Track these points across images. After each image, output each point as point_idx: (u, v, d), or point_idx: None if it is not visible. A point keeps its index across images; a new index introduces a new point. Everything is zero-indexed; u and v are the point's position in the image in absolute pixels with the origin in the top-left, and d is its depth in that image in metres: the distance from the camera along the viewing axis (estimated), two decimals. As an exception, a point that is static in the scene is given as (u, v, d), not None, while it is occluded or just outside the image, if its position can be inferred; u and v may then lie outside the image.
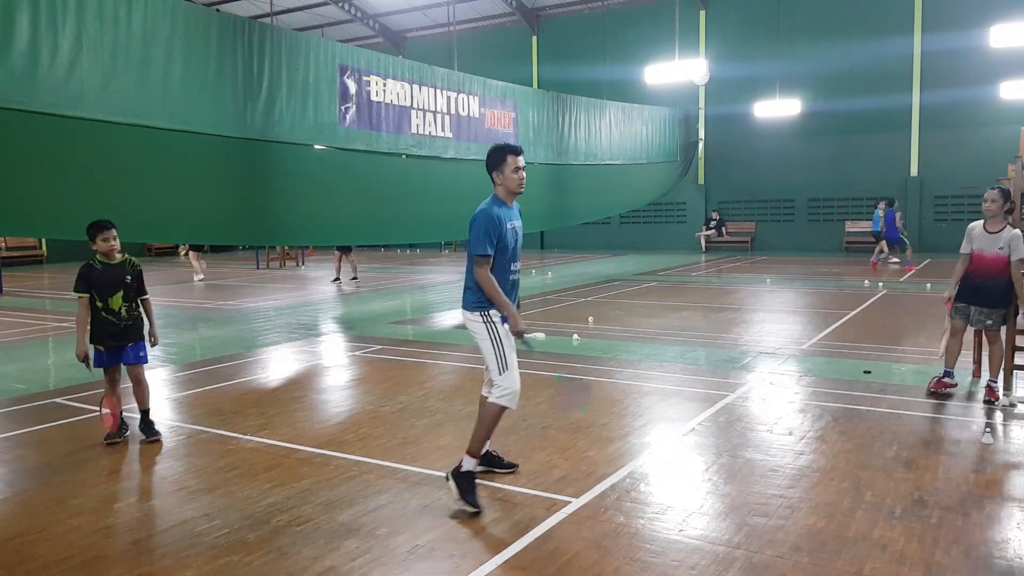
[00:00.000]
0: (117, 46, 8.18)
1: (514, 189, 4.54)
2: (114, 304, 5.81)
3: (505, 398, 4.40)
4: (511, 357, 4.43)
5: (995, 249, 6.37)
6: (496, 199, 4.55)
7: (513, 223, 4.54)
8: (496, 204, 4.52)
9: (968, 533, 3.96)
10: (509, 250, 4.48)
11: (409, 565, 3.73)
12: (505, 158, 4.51)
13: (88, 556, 3.87)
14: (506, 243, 4.44)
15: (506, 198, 4.57)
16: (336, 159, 11.50)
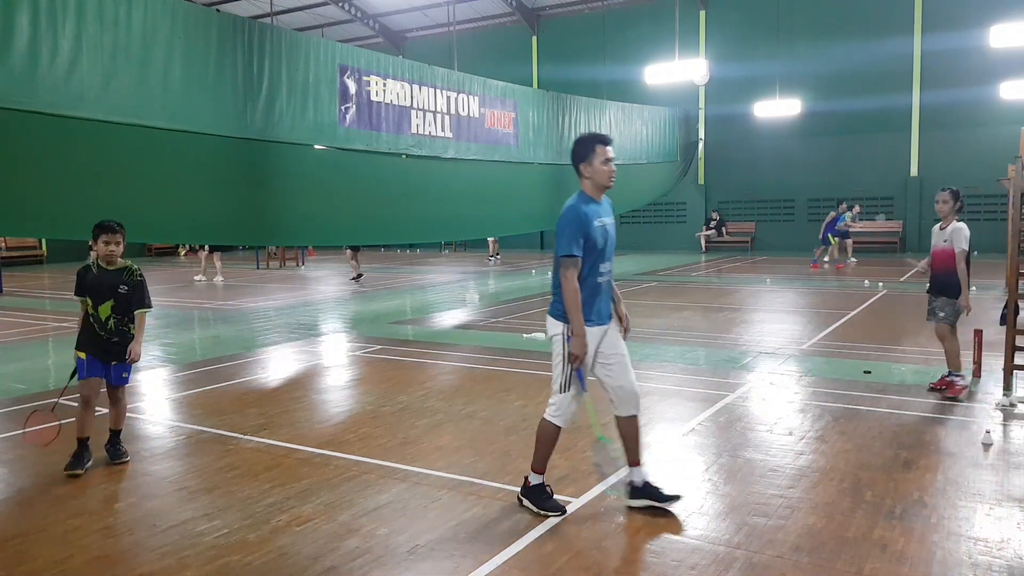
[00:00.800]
0: (117, 46, 8.17)
1: (603, 182, 4.18)
2: (102, 313, 5.24)
3: (558, 418, 4.23)
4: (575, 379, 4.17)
5: (941, 242, 6.81)
6: (583, 195, 4.21)
7: (603, 220, 4.18)
8: (583, 200, 4.17)
9: (968, 533, 3.96)
10: (598, 250, 4.13)
11: (409, 565, 3.73)
12: (594, 148, 4.17)
13: (88, 556, 3.87)
14: (594, 242, 4.10)
15: (594, 193, 4.21)
16: (336, 159, 11.50)
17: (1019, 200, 6.53)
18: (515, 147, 14.84)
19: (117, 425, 5.45)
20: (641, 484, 4.33)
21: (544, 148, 15.88)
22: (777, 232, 26.25)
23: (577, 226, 4.05)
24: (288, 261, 24.93)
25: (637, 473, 4.35)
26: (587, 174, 4.19)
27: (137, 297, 5.31)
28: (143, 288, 5.36)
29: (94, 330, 5.28)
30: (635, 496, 4.33)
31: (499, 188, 14.84)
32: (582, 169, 4.20)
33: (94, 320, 5.28)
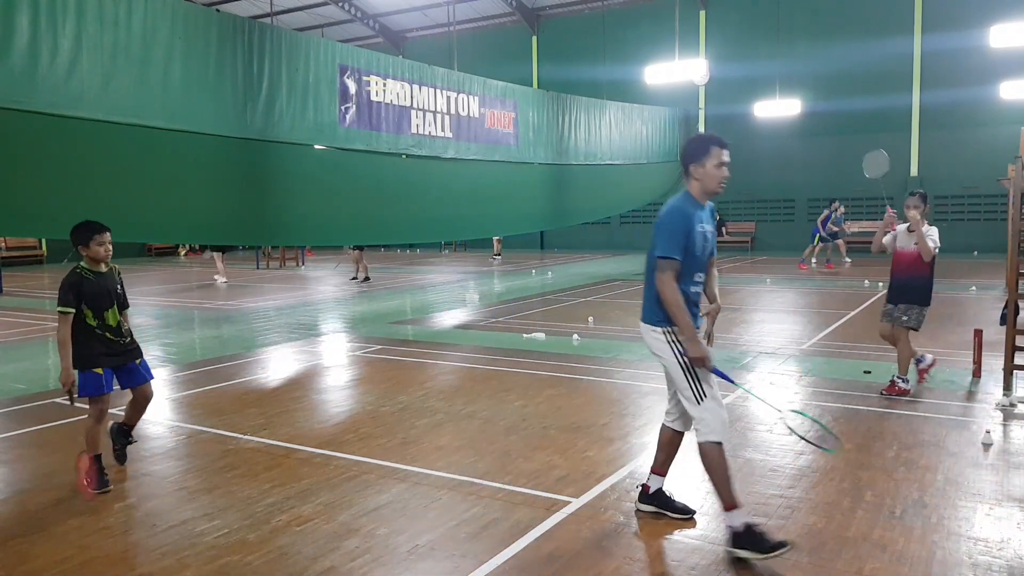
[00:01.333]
0: (117, 46, 8.18)
1: (713, 188, 3.85)
2: (111, 319, 4.93)
3: (714, 433, 3.76)
4: (706, 381, 3.80)
5: (911, 246, 6.67)
6: (688, 196, 3.90)
7: (704, 226, 3.89)
8: (689, 202, 3.88)
9: (968, 533, 3.96)
10: (695, 257, 3.85)
11: (409, 565, 3.73)
12: (708, 150, 3.83)
13: (88, 556, 3.87)
14: (693, 248, 3.83)
15: (700, 197, 3.90)
16: (336, 159, 11.50)
17: (1019, 200, 6.53)
18: (515, 147, 14.84)
19: (136, 421, 5.27)
20: (654, 492, 4.24)
21: (544, 148, 15.88)
22: (777, 232, 26.26)
23: (681, 228, 3.78)
24: (288, 261, 24.93)
25: (656, 480, 4.25)
26: (697, 176, 3.87)
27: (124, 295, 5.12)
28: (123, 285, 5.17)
29: (104, 340, 4.88)
30: (644, 501, 4.27)
31: (499, 188, 14.84)
32: (692, 170, 3.88)
33: (101, 329, 4.88)
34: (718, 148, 3.84)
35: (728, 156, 3.88)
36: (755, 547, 3.61)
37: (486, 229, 18.43)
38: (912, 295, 6.68)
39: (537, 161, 15.72)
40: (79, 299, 4.79)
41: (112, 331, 4.92)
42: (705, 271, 4.00)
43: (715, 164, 3.83)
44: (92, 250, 4.91)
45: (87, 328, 4.82)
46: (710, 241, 3.96)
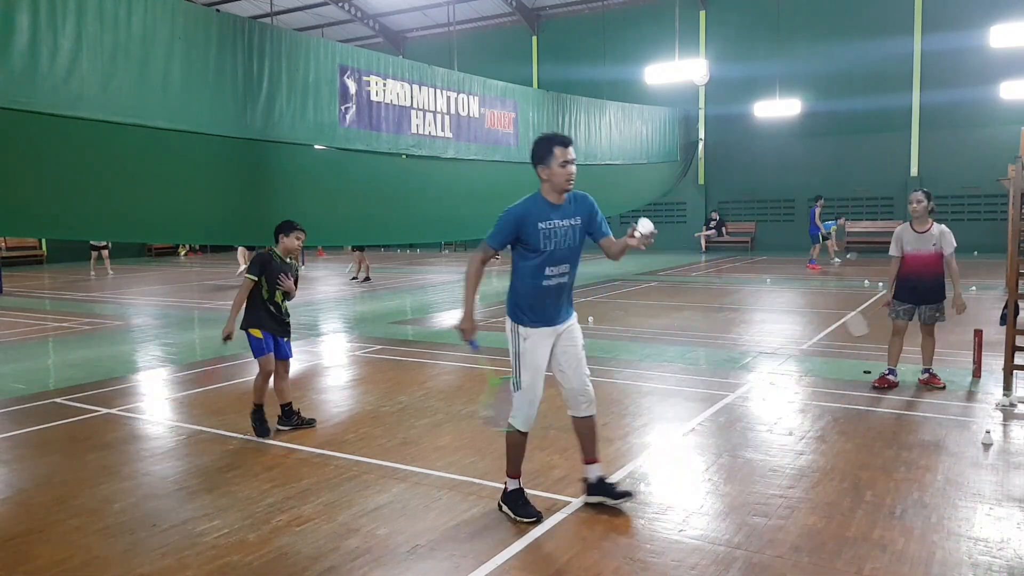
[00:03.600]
0: (117, 46, 8.18)
1: (562, 185, 4.05)
2: (277, 297, 5.96)
3: (516, 421, 4.18)
4: (526, 377, 4.10)
5: (929, 247, 6.76)
6: (537, 197, 4.11)
7: (554, 222, 4.06)
8: (534, 202, 4.09)
9: (968, 533, 3.96)
10: (541, 252, 4.04)
11: (409, 565, 3.73)
12: (552, 150, 4.04)
13: (88, 556, 3.87)
14: (535, 243, 4.03)
15: (551, 195, 4.09)
16: (336, 159, 11.51)
17: (1019, 200, 6.53)
18: (515, 147, 14.84)
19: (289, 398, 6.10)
20: (595, 481, 4.36)
21: (544, 148, 15.85)
22: (777, 232, 26.26)
23: (510, 224, 4.05)
24: (288, 261, 24.89)
25: (590, 471, 4.37)
26: (544, 176, 4.08)
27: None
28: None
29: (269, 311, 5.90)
30: (590, 493, 4.38)
31: (499, 188, 14.82)
32: (540, 172, 4.09)
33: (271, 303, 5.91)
34: (561, 147, 4.04)
35: (572, 154, 4.05)
36: (513, 509, 4.20)
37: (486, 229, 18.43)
38: (939, 294, 6.87)
39: (537, 161, 15.70)
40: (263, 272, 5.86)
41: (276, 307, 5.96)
42: (569, 263, 4.16)
43: (559, 163, 4.03)
44: (288, 241, 5.98)
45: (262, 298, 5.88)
46: (568, 235, 4.11)
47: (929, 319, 6.92)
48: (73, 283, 19.54)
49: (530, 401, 4.16)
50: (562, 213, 4.12)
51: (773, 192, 26.34)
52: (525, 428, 4.21)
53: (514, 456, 4.27)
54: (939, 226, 6.82)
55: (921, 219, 6.80)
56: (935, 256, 6.76)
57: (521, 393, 4.15)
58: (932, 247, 6.75)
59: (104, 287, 18.52)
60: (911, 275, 6.87)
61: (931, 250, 6.75)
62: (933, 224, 6.81)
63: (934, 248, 6.74)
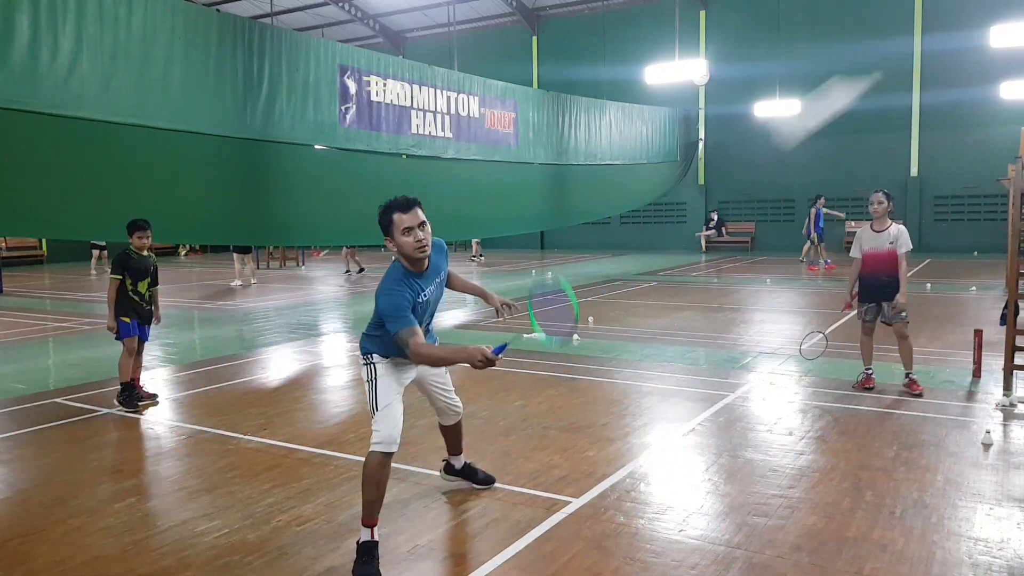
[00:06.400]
0: (117, 46, 8.18)
1: (411, 254, 3.67)
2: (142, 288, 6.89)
3: (380, 445, 3.80)
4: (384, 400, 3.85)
5: (885, 245, 6.85)
6: (399, 268, 3.75)
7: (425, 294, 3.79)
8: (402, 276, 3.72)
9: (968, 533, 3.96)
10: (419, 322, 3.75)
11: (409, 565, 3.73)
12: (391, 219, 3.64)
13: (88, 556, 3.87)
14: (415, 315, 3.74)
15: (411, 264, 3.74)
16: (336, 159, 11.51)
17: (1019, 200, 6.53)
18: (515, 147, 14.84)
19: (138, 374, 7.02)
20: (460, 467, 4.68)
21: (544, 148, 15.89)
22: (777, 232, 26.26)
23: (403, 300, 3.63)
24: (288, 261, 24.93)
25: (456, 460, 4.68)
26: (392, 248, 3.72)
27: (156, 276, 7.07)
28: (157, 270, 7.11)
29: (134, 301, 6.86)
30: (449, 473, 4.71)
31: (499, 188, 14.84)
32: (388, 245, 3.73)
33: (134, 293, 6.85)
34: (398, 214, 3.64)
35: (418, 216, 3.64)
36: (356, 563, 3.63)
37: (486, 229, 18.45)
38: (893, 291, 6.84)
39: (537, 161, 15.73)
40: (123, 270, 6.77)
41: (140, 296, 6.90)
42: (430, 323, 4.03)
43: (400, 232, 3.64)
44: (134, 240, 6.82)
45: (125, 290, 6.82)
46: (435, 300, 3.95)
47: (895, 319, 6.89)
48: (73, 283, 19.54)
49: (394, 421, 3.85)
50: (428, 279, 3.83)
51: (773, 192, 26.34)
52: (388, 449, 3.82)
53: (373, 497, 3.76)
54: (898, 226, 6.91)
55: (881, 219, 6.91)
56: (891, 254, 6.82)
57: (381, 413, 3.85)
58: (888, 245, 6.83)
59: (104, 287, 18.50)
60: (868, 273, 6.96)
61: (887, 248, 6.83)
62: (892, 224, 6.91)
63: (890, 246, 6.82)
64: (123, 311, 6.79)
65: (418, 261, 3.73)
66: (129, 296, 6.81)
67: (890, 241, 6.82)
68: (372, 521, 3.75)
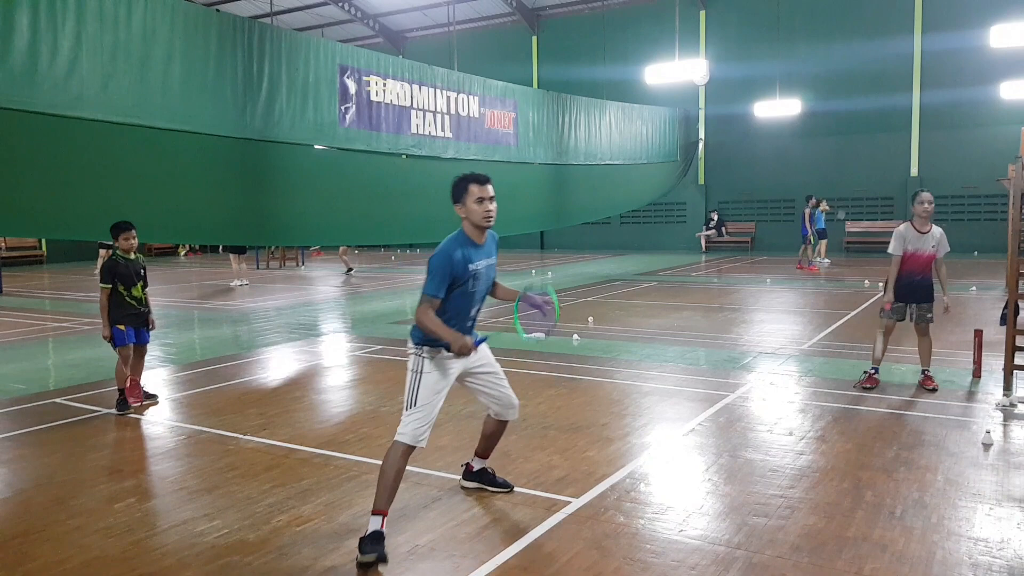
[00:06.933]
0: (117, 46, 8.18)
1: (478, 223, 4.01)
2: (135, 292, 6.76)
3: (404, 436, 3.99)
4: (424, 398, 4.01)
5: (928, 248, 6.85)
6: (462, 235, 4.06)
7: (477, 265, 4.04)
8: (460, 242, 4.02)
9: (968, 533, 3.96)
10: (468, 293, 4.06)
11: (409, 565, 3.73)
12: (467, 188, 4.01)
13: (88, 556, 3.87)
14: (464, 286, 4.02)
15: (473, 233, 4.06)
16: (336, 159, 11.50)
17: (1019, 200, 6.53)
18: (515, 147, 14.84)
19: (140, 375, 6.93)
20: (477, 471, 4.67)
21: (544, 148, 15.89)
22: (777, 232, 26.25)
23: (446, 269, 3.94)
24: (288, 261, 24.93)
25: (478, 462, 4.66)
26: (462, 214, 4.05)
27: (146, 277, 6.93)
28: None
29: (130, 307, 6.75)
30: (468, 478, 4.69)
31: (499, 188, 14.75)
32: (457, 210, 4.07)
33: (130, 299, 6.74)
34: (476, 185, 4.02)
35: (490, 190, 4.02)
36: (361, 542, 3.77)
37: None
38: (931, 295, 6.94)
39: (537, 161, 15.72)
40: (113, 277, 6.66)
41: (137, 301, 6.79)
42: (480, 306, 4.20)
43: (474, 200, 4.00)
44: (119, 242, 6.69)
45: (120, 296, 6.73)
46: (488, 276, 4.16)
47: (921, 319, 6.96)
48: (73, 283, 19.54)
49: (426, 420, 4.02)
50: (485, 252, 4.13)
51: (773, 192, 26.33)
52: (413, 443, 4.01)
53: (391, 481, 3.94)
54: (938, 228, 6.91)
55: (925, 220, 6.84)
56: (932, 257, 6.87)
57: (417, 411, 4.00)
58: (931, 248, 6.83)
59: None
60: (908, 274, 6.92)
61: (929, 251, 6.84)
62: (933, 226, 6.88)
63: (932, 249, 6.83)
64: (117, 318, 6.66)
65: (481, 232, 4.07)
66: (125, 303, 6.68)
67: (932, 244, 6.82)
68: (383, 510, 3.88)
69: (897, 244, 6.92)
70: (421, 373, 4.06)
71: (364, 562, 3.69)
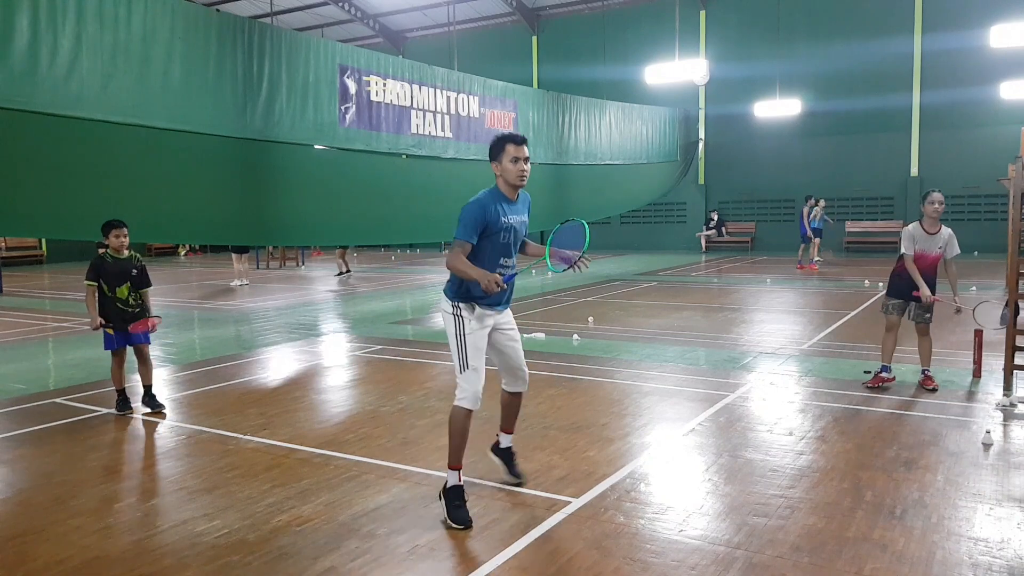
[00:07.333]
0: (117, 46, 8.18)
1: (512, 181, 4.20)
2: (121, 293, 6.48)
3: (466, 400, 4.20)
4: (473, 356, 4.23)
5: (936, 248, 6.84)
6: (495, 191, 4.26)
7: (510, 218, 4.23)
8: (493, 196, 4.22)
9: (968, 533, 3.96)
10: (500, 244, 4.23)
11: (409, 565, 3.73)
12: (504, 147, 4.21)
13: (88, 556, 3.87)
14: (496, 236, 4.19)
15: (506, 190, 4.26)
16: (336, 159, 11.51)
17: (1019, 200, 6.53)
18: (515, 147, 14.82)
19: (148, 380, 6.67)
20: (504, 447, 4.73)
21: (544, 148, 15.89)
22: (777, 232, 26.26)
23: (479, 216, 4.12)
24: (288, 261, 24.93)
25: (504, 438, 4.73)
26: (497, 172, 4.25)
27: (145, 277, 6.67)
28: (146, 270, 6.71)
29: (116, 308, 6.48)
30: (495, 452, 4.77)
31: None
32: (493, 168, 4.26)
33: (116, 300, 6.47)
34: (513, 145, 4.20)
35: (525, 151, 4.22)
36: (449, 508, 4.16)
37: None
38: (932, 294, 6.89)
39: (537, 161, 15.71)
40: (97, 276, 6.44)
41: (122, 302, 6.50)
42: (512, 258, 4.34)
43: (510, 159, 4.19)
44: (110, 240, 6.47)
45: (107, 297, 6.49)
46: (518, 231, 4.31)
47: (919, 318, 6.96)
48: (73, 283, 19.54)
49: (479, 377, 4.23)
50: (517, 209, 4.31)
51: (773, 192, 26.35)
52: (473, 406, 4.22)
53: (460, 441, 4.24)
54: (947, 229, 6.89)
55: (935, 220, 6.83)
56: (938, 258, 6.87)
57: (470, 371, 4.21)
58: (938, 249, 6.83)
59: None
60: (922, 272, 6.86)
61: (936, 251, 6.84)
62: (942, 227, 6.87)
63: (939, 250, 6.84)
64: (106, 320, 6.47)
65: (514, 189, 4.25)
66: (108, 302, 6.44)
67: (940, 245, 6.82)
68: (458, 464, 4.22)
69: (908, 243, 6.88)
70: (465, 334, 4.23)
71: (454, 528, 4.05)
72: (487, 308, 4.30)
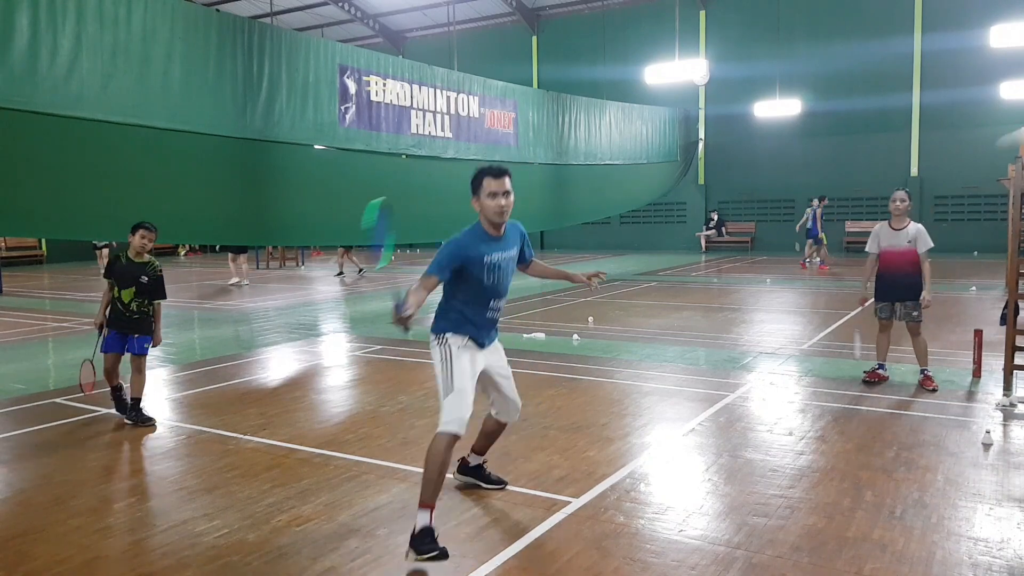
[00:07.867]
0: (117, 46, 8.18)
1: (490, 217, 3.96)
2: (125, 296, 6.29)
3: (451, 424, 3.85)
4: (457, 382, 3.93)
5: (904, 243, 6.87)
6: (477, 228, 4.04)
7: (493, 256, 3.98)
8: (474, 234, 4.00)
9: (968, 533, 3.96)
10: (483, 285, 3.99)
11: (409, 565, 3.72)
12: (481, 182, 3.96)
13: (88, 556, 3.87)
14: (477, 278, 3.95)
15: (488, 227, 4.01)
16: (336, 159, 11.50)
17: (1019, 200, 6.53)
18: (515, 147, 14.84)
19: (137, 393, 6.30)
20: (474, 465, 4.65)
21: (544, 148, 15.88)
22: (777, 232, 26.25)
23: (455, 254, 3.91)
24: (288, 261, 24.93)
25: (474, 458, 4.65)
26: (477, 208, 4.02)
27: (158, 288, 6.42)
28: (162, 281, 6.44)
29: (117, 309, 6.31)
30: (463, 472, 4.67)
31: (499, 188, 14.82)
32: (473, 204, 4.04)
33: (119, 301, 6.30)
34: (490, 178, 3.95)
35: (506, 184, 3.96)
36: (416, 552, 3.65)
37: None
38: (916, 292, 6.89)
39: (537, 161, 15.72)
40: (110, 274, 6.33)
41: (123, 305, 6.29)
42: (502, 298, 4.12)
43: (487, 194, 3.94)
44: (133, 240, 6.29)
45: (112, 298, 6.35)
46: (506, 268, 4.07)
47: (907, 317, 6.96)
48: (73, 283, 19.54)
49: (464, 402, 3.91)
50: (502, 246, 4.06)
51: (773, 192, 26.35)
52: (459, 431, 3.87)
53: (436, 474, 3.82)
54: (916, 224, 6.94)
55: (900, 217, 6.92)
56: (909, 252, 6.86)
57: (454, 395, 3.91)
58: (906, 243, 6.86)
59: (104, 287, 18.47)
60: (886, 272, 6.99)
61: (905, 246, 6.86)
62: (910, 223, 6.93)
63: (908, 244, 6.85)
64: (107, 319, 6.39)
65: (496, 225, 4.01)
66: (114, 304, 6.35)
67: (908, 240, 6.85)
68: (430, 503, 3.79)
69: (872, 242, 7.07)
70: (451, 358, 3.99)
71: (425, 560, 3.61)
72: (474, 344, 4.07)
